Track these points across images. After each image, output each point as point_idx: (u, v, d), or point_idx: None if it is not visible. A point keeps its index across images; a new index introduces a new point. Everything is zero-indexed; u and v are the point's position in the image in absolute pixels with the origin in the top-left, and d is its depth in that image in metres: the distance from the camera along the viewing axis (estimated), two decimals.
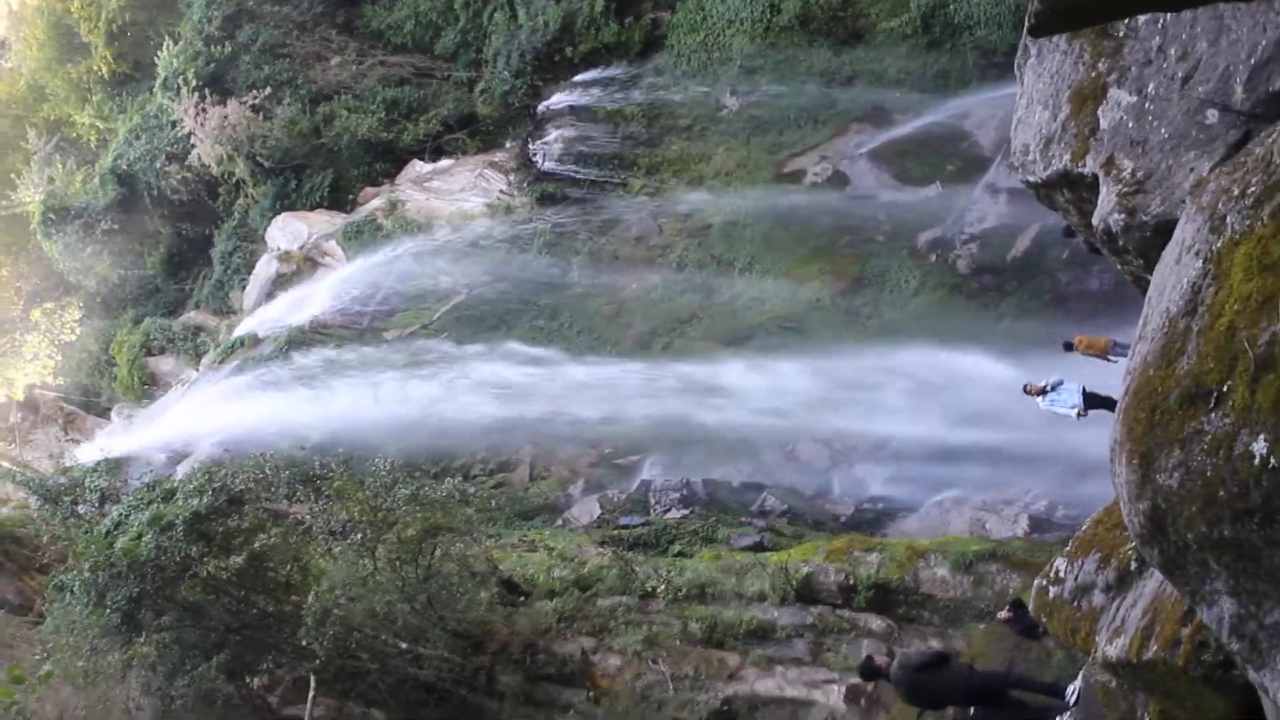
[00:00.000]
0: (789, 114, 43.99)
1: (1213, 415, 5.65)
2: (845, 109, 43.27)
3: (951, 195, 39.82)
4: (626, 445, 36.81)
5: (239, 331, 48.15)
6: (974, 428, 31.22)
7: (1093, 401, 23.77)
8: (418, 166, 50.14)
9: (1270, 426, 5.35)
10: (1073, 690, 12.99)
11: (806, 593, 25.36)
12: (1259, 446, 5.39)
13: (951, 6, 40.93)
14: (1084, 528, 9.21)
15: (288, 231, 50.21)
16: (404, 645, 23.61)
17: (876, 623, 24.64)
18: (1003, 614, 20.01)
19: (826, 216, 40.90)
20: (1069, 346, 24.89)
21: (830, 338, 37.13)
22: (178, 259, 58.01)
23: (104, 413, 52.00)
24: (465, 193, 48.07)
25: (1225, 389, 5.63)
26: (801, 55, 43.77)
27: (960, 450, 31.45)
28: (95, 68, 61.54)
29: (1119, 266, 9.56)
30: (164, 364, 52.50)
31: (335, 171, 51.36)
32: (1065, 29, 7.56)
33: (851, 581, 25.28)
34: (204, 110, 51.84)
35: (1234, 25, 7.98)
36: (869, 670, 18.82)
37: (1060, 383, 24.36)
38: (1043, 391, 24.42)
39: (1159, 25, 8.69)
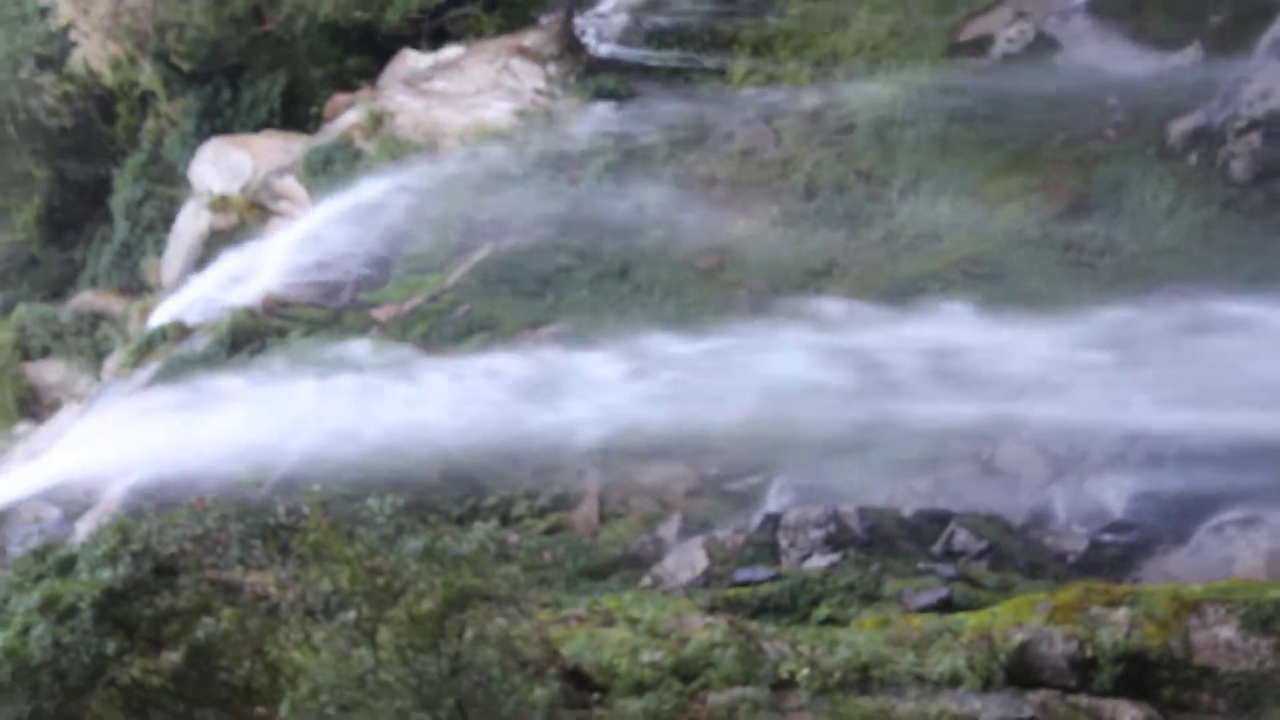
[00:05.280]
0: None
1: None
2: None
3: (1218, 62, 39.44)
4: (741, 461, 36.81)
5: (158, 319, 48.66)
6: (1271, 412, 31.07)
7: None
8: (411, 60, 50.58)
9: None
10: None
11: (1022, 672, 25.09)
12: None
13: None
14: None
15: (222, 166, 51.00)
16: None
17: (1131, 713, 24.44)
18: None
19: (1029, 105, 41.07)
20: None
21: (1042, 286, 37.19)
22: (60, 215, 58.80)
23: None
24: (484, 95, 48.49)
25: None
26: None
27: (1253, 447, 31.13)
28: None
29: None
30: (49, 371, 53.26)
31: (289, 73, 52.05)
32: None
33: (1089, 653, 25.10)
34: None
35: None
36: None
37: None
38: None
39: None
